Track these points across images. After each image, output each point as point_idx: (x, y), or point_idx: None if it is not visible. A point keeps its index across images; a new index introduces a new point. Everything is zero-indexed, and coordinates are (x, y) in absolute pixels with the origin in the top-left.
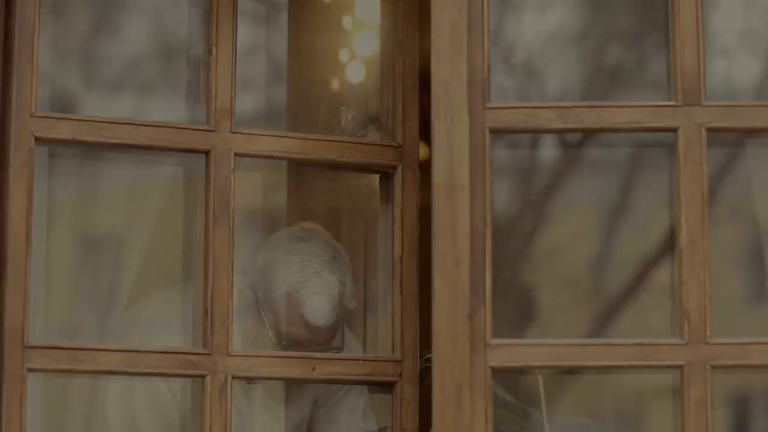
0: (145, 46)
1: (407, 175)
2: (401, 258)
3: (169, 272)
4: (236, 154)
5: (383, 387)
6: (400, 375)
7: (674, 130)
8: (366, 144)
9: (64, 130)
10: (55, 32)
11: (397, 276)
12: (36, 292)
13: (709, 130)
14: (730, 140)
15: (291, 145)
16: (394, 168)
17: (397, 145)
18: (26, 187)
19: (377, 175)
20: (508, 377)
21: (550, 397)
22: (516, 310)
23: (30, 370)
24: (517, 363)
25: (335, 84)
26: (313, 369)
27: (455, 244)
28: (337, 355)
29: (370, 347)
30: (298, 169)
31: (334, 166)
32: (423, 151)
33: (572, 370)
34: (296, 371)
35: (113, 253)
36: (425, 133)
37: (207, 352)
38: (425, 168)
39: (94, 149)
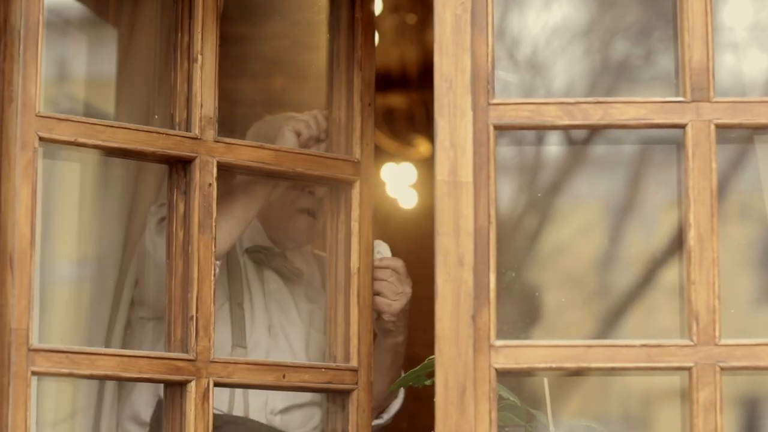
0: None
1: (364, 191)
2: (358, 270)
3: None
4: (218, 163)
5: (342, 394)
6: (356, 383)
7: (682, 126)
8: (328, 158)
9: (64, 132)
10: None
11: (354, 288)
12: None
13: (718, 127)
14: (739, 137)
15: (266, 156)
16: (352, 183)
17: (355, 160)
18: (31, 188)
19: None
20: (513, 379)
21: (555, 399)
22: (521, 311)
23: (34, 373)
24: (521, 365)
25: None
26: (284, 376)
27: (458, 243)
28: (305, 364)
29: (329, 356)
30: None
31: (302, 178)
32: (426, 147)
33: (578, 372)
34: (269, 378)
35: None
36: (428, 129)
37: (192, 358)
38: (428, 165)
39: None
